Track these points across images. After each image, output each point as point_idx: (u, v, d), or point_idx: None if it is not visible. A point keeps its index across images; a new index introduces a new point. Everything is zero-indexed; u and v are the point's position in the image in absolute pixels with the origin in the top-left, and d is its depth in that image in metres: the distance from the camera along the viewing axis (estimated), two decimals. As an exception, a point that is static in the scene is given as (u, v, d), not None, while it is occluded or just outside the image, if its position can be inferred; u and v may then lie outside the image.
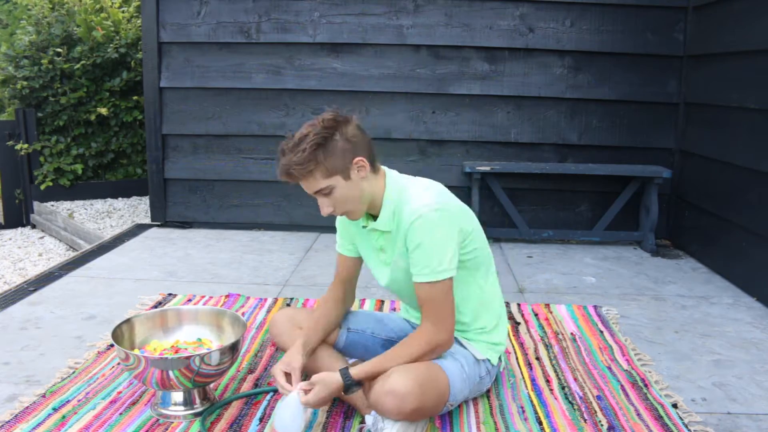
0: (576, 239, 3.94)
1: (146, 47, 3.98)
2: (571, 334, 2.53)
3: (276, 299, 2.87)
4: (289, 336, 1.98)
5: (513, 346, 2.41)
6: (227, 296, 2.89)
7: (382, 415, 1.71)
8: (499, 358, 1.99)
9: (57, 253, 4.58)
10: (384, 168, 1.82)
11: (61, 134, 5.16)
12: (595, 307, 2.82)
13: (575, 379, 2.15)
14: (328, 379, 1.71)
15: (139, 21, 5.17)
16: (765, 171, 2.92)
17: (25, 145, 5.00)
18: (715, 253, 3.44)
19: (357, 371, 1.72)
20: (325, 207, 1.73)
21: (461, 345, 1.90)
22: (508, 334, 2.48)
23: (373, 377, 1.72)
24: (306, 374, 2.16)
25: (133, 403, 1.96)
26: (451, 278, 1.72)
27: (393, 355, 1.75)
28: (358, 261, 1.99)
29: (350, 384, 1.71)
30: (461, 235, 1.75)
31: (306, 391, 1.71)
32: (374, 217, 1.82)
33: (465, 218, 1.80)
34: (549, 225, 3.99)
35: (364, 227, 1.85)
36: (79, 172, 5.13)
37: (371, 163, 1.74)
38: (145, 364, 1.75)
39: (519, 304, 2.83)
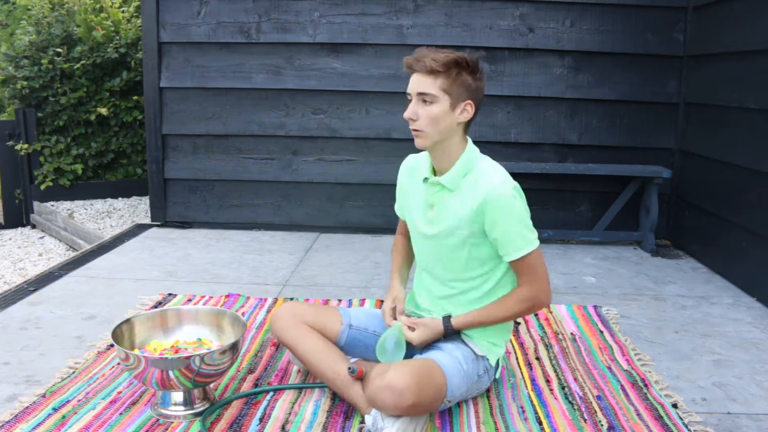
0: (576, 239, 3.94)
1: (146, 47, 3.98)
2: (571, 334, 2.53)
3: (276, 299, 2.87)
4: (293, 331, 1.97)
5: (513, 346, 2.41)
6: (227, 296, 2.89)
7: (380, 411, 1.72)
8: (498, 361, 1.99)
9: (57, 253, 4.58)
10: (469, 139, 1.89)
11: (61, 134, 5.16)
12: (595, 307, 2.82)
13: (575, 379, 2.15)
14: (432, 323, 1.87)
15: (139, 21, 5.17)
16: (765, 171, 2.93)
17: (25, 145, 5.00)
18: (715, 253, 3.44)
19: (457, 321, 1.86)
20: (412, 111, 1.78)
21: (461, 341, 1.91)
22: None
23: (471, 327, 1.87)
24: (300, 371, 2.16)
25: (133, 403, 1.96)
26: (539, 246, 1.83)
27: (492, 310, 1.86)
28: None
29: (450, 330, 1.86)
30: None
31: (410, 328, 1.88)
32: (435, 174, 1.90)
33: None
34: (549, 225, 3.99)
35: (425, 179, 1.91)
36: (79, 172, 5.13)
37: (472, 118, 1.82)
38: (145, 364, 1.75)
39: (519, 304, 2.83)
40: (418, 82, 1.77)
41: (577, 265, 3.49)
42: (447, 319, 1.86)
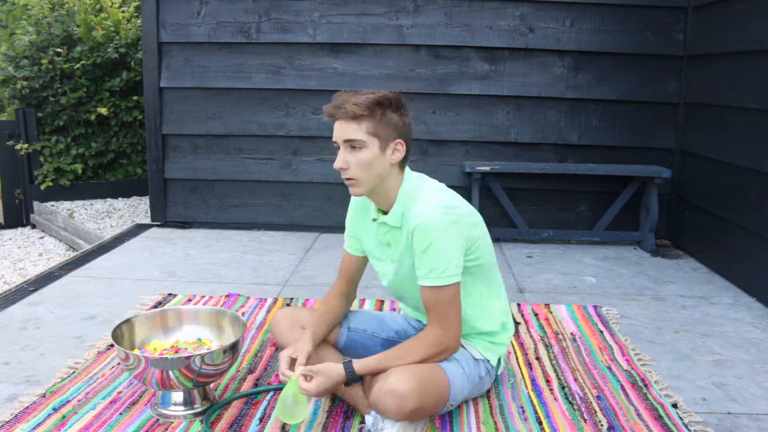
0: (576, 239, 3.94)
1: (146, 47, 3.98)
2: (571, 334, 2.53)
3: (276, 299, 2.87)
4: (290, 334, 1.98)
5: (513, 346, 2.41)
6: (227, 296, 2.89)
7: (383, 415, 1.71)
8: (499, 360, 1.99)
9: (57, 253, 4.58)
10: (411, 171, 1.84)
11: (61, 134, 5.16)
12: (595, 307, 2.82)
13: (575, 379, 2.15)
14: (330, 370, 1.72)
15: (139, 21, 5.17)
16: (765, 171, 2.93)
17: (25, 145, 5.00)
18: (715, 253, 3.44)
19: (360, 366, 1.73)
20: (341, 161, 1.72)
21: (461, 346, 1.90)
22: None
23: (375, 373, 1.73)
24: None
25: (133, 403, 1.96)
26: (457, 283, 1.72)
27: (397, 354, 1.75)
28: (364, 260, 2.01)
29: (352, 377, 1.72)
30: (468, 242, 1.75)
31: (306, 378, 1.71)
32: (384, 213, 1.83)
33: (473, 225, 1.79)
34: (549, 225, 3.99)
35: (374, 220, 1.85)
36: (79, 172, 5.13)
37: (405, 156, 1.77)
38: (145, 364, 1.75)
39: (519, 304, 2.83)
40: (343, 129, 1.70)
41: (577, 265, 3.49)
42: (349, 363, 1.72)
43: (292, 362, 1.79)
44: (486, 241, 1.85)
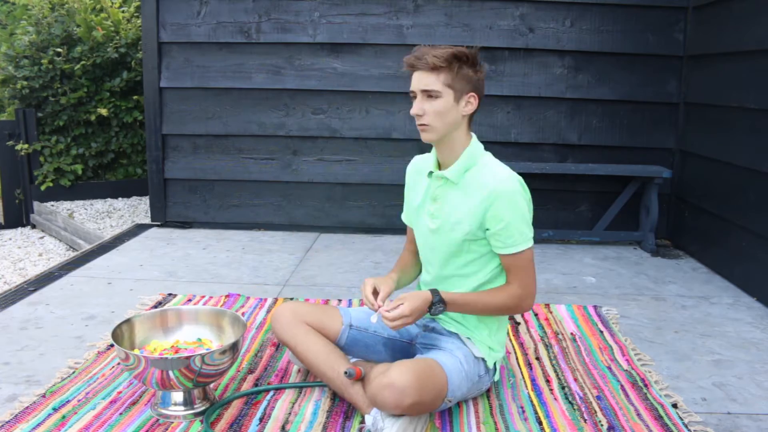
0: (576, 239, 3.94)
1: (146, 47, 3.98)
2: (571, 334, 2.53)
3: (276, 299, 2.87)
4: (292, 330, 1.97)
5: (513, 346, 2.41)
6: (227, 296, 2.89)
7: (381, 409, 1.72)
8: (494, 365, 1.99)
9: (57, 253, 4.58)
10: (473, 134, 1.93)
11: (61, 134, 5.16)
12: (595, 307, 2.82)
13: (575, 379, 2.15)
14: (418, 293, 1.79)
15: (139, 21, 5.17)
16: (765, 171, 2.93)
17: (25, 145, 5.00)
18: (715, 253, 3.44)
19: (446, 295, 1.80)
20: (418, 108, 1.79)
21: (461, 342, 1.91)
22: (508, 334, 2.49)
23: (457, 305, 1.82)
24: (301, 371, 2.16)
25: (133, 403, 1.96)
26: (532, 247, 1.84)
27: (479, 296, 1.85)
28: None
29: (438, 300, 1.78)
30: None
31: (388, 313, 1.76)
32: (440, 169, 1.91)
33: None
34: (549, 225, 3.99)
35: (430, 173, 1.92)
36: (79, 172, 5.13)
37: (475, 110, 1.85)
38: (145, 364, 1.75)
39: (519, 304, 2.83)
40: (421, 79, 1.79)
41: (577, 265, 3.49)
42: (435, 291, 1.81)
43: (374, 292, 1.86)
44: None
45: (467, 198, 1.84)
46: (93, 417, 1.87)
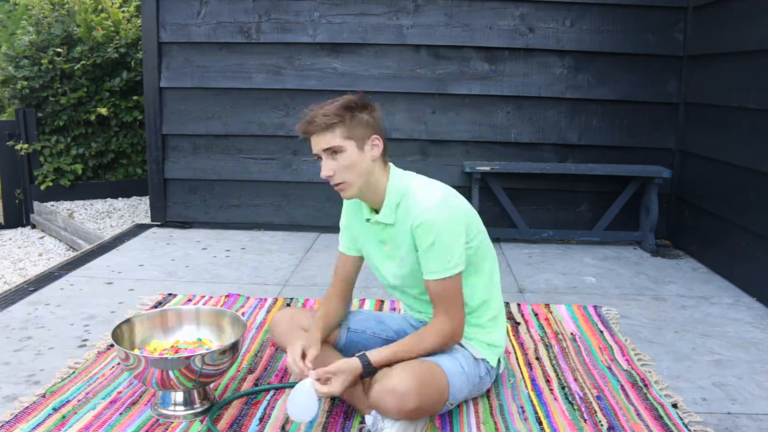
0: (576, 239, 3.94)
1: (146, 47, 3.98)
2: (571, 334, 2.53)
3: (276, 299, 2.87)
4: (290, 336, 1.98)
5: (513, 346, 2.41)
6: (227, 296, 2.89)
7: (383, 414, 1.72)
8: (499, 360, 1.99)
9: (57, 253, 4.58)
10: (391, 165, 1.88)
11: (61, 134, 5.16)
12: (595, 307, 2.82)
13: (575, 379, 2.15)
14: (348, 366, 1.73)
15: (139, 21, 5.17)
16: (765, 171, 2.93)
17: (25, 145, 5.00)
18: (715, 253, 3.44)
19: (375, 358, 1.74)
20: (327, 169, 1.77)
21: (461, 344, 1.90)
22: (508, 334, 2.49)
23: (389, 364, 1.74)
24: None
25: (133, 403, 1.96)
26: (460, 272, 1.77)
27: (409, 343, 1.79)
28: (359, 260, 2.02)
29: (368, 370, 1.74)
30: (467, 229, 1.80)
31: (322, 381, 1.70)
32: (376, 212, 1.86)
33: (466, 211, 1.84)
34: (549, 225, 3.99)
35: (367, 220, 1.88)
36: (79, 172, 5.13)
37: (384, 150, 1.82)
38: (145, 364, 1.75)
39: (519, 304, 2.83)
40: (319, 141, 1.77)
41: (577, 265, 3.49)
42: (364, 356, 1.74)
43: (303, 355, 1.78)
44: (480, 227, 1.89)
45: (402, 233, 1.80)
46: (93, 417, 1.87)
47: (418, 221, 1.74)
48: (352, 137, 1.75)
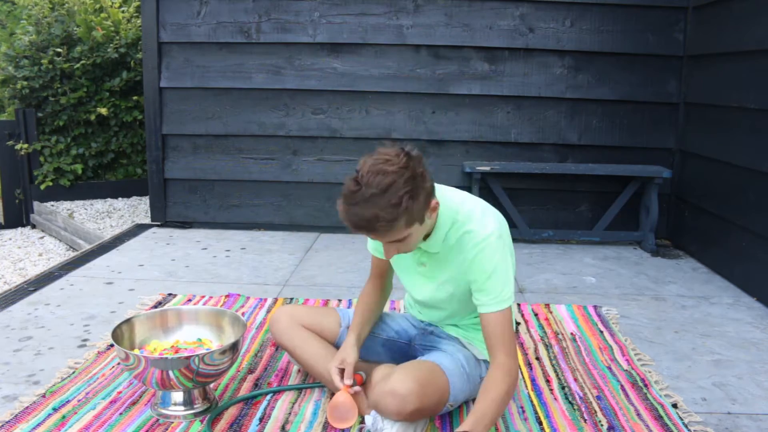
0: (576, 239, 3.94)
1: (146, 47, 3.98)
2: (571, 334, 2.53)
3: (276, 299, 2.87)
4: (289, 333, 1.98)
5: (513, 346, 2.41)
6: (227, 296, 2.89)
7: (383, 416, 1.72)
8: None
9: (57, 253, 4.58)
10: (434, 185, 1.68)
11: (61, 134, 5.16)
12: (595, 307, 2.82)
13: (575, 379, 2.15)
14: None
15: (139, 21, 5.17)
16: (765, 171, 2.93)
17: (25, 145, 5.00)
18: (715, 253, 3.44)
19: (464, 426, 1.56)
20: (392, 251, 1.63)
21: (462, 345, 1.90)
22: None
23: (480, 426, 1.57)
24: (300, 371, 2.15)
25: (133, 403, 1.96)
26: (511, 306, 1.69)
27: (486, 403, 1.60)
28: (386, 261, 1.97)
29: None
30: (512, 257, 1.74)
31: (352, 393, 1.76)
32: None
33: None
34: (549, 225, 3.99)
35: None
36: (79, 172, 5.13)
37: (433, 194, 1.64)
38: (145, 364, 1.75)
39: (519, 304, 2.83)
40: (381, 238, 1.58)
41: (577, 265, 3.49)
42: None
43: (341, 373, 1.81)
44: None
45: (451, 262, 1.73)
46: (93, 417, 1.87)
47: (475, 254, 1.65)
48: (416, 220, 1.56)
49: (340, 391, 1.80)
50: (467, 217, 1.70)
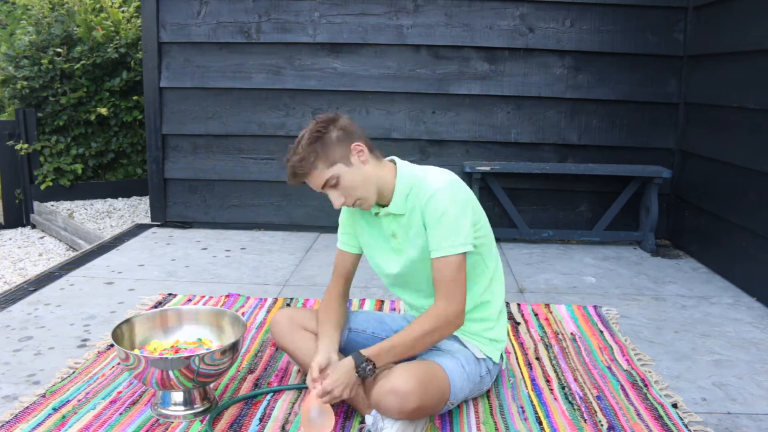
0: (576, 239, 3.94)
1: (146, 47, 3.98)
2: (571, 334, 2.53)
3: (276, 299, 2.87)
4: (289, 336, 1.98)
5: (513, 346, 2.41)
6: (227, 296, 2.89)
7: (384, 414, 1.72)
8: (501, 356, 1.99)
9: (57, 253, 4.58)
10: (396, 159, 1.89)
11: (61, 134, 5.15)
12: (595, 307, 2.82)
13: (575, 379, 2.15)
14: (342, 370, 1.74)
15: (139, 21, 5.17)
16: (765, 171, 2.93)
17: (25, 145, 5.00)
18: (715, 253, 3.44)
19: (371, 351, 1.74)
20: (336, 199, 1.77)
21: (461, 344, 1.90)
22: (508, 334, 2.49)
23: (385, 354, 1.74)
24: (300, 371, 2.15)
25: (133, 403, 1.96)
26: (464, 254, 1.76)
27: (407, 333, 1.76)
28: (357, 257, 2.02)
29: (365, 366, 1.72)
30: (474, 214, 1.81)
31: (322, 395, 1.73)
32: (382, 206, 1.86)
33: (475, 200, 1.85)
34: (549, 225, 3.99)
35: (376, 214, 1.87)
36: (79, 172, 5.13)
37: (369, 148, 1.81)
38: (145, 364, 1.75)
39: (519, 304, 2.83)
40: (314, 183, 1.76)
41: (577, 265, 3.49)
42: (356, 353, 1.74)
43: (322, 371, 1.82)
44: (485, 220, 1.89)
45: (414, 221, 1.81)
46: (93, 417, 1.87)
47: (427, 195, 1.75)
48: (336, 160, 1.73)
49: (308, 398, 1.75)
50: (425, 176, 1.82)
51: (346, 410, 1.92)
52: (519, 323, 2.63)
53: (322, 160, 1.72)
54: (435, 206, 1.74)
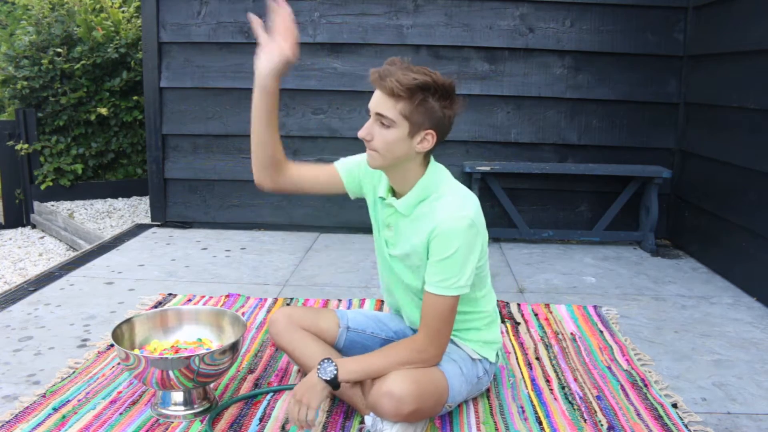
0: (576, 239, 3.94)
1: (146, 47, 3.98)
2: (571, 334, 2.53)
3: (276, 299, 2.87)
4: (289, 335, 1.97)
5: (513, 346, 2.41)
6: (227, 296, 2.89)
7: (380, 417, 1.71)
8: (497, 354, 1.99)
9: (57, 253, 4.58)
10: (437, 163, 1.78)
11: (61, 134, 5.15)
12: (595, 307, 2.82)
13: (575, 379, 2.15)
14: (307, 385, 1.67)
15: (139, 21, 5.17)
16: (765, 171, 2.93)
17: (25, 145, 5.00)
18: (715, 253, 3.44)
19: (343, 372, 1.68)
20: (367, 131, 1.66)
21: (456, 345, 1.90)
22: (508, 334, 2.49)
23: (350, 369, 1.69)
24: (300, 371, 2.16)
25: (133, 403, 1.96)
26: (458, 296, 1.69)
27: (381, 356, 1.73)
28: (337, 182, 1.90)
29: (326, 361, 1.68)
30: (481, 253, 1.74)
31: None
32: (394, 195, 1.80)
33: (486, 236, 1.76)
34: (549, 225, 3.99)
35: (381, 198, 1.82)
36: (79, 172, 5.13)
37: (432, 147, 1.70)
38: (145, 364, 1.75)
39: (519, 304, 2.83)
40: (377, 102, 1.63)
41: (577, 265, 3.49)
42: (327, 358, 1.70)
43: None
44: (486, 248, 1.82)
45: (417, 232, 1.72)
46: (93, 417, 1.87)
47: (440, 229, 1.64)
48: (410, 119, 1.61)
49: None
50: (448, 192, 1.72)
51: (346, 410, 1.92)
52: (519, 323, 2.63)
53: (405, 104, 1.60)
54: (447, 242, 1.64)
